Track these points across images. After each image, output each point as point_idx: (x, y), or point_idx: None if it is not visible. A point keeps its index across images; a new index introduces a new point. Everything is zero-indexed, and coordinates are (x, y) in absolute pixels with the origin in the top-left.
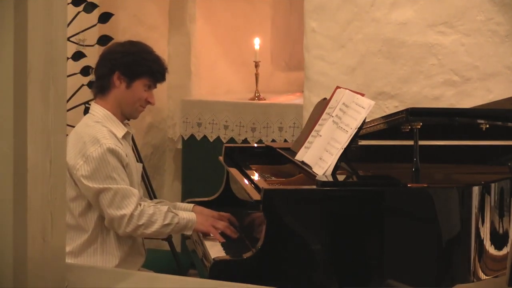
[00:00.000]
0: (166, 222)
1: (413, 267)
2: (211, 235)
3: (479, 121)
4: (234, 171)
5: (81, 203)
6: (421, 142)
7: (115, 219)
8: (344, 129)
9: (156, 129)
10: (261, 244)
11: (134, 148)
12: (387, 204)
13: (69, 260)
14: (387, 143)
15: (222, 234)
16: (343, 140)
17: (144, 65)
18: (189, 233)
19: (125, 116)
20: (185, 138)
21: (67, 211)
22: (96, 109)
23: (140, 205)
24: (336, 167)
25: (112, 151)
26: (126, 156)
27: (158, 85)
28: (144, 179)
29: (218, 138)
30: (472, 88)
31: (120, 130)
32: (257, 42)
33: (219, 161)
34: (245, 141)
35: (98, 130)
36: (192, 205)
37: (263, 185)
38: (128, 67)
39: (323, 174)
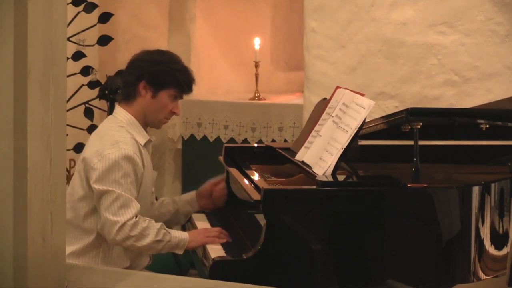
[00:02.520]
0: (158, 238)
1: (413, 267)
2: (209, 244)
3: (479, 121)
4: (234, 171)
5: (87, 205)
6: (421, 142)
7: (107, 223)
8: (344, 129)
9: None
10: (261, 244)
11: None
12: (387, 204)
13: (70, 261)
14: (387, 143)
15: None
16: (343, 140)
17: (171, 76)
18: (180, 252)
19: (148, 125)
20: (185, 138)
21: (73, 210)
22: (121, 113)
23: (136, 217)
24: (336, 167)
25: (129, 158)
26: (143, 166)
27: None
28: None
29: (218, 138)
30: (472, 88)
31: (142, 137)
32: (257, 42)
33: (219, 161)
34: (245, 141)
35: (121, 135)
36: (194, 192)
37: (263, 185)
38: (154, 77)
39: (323, 174)
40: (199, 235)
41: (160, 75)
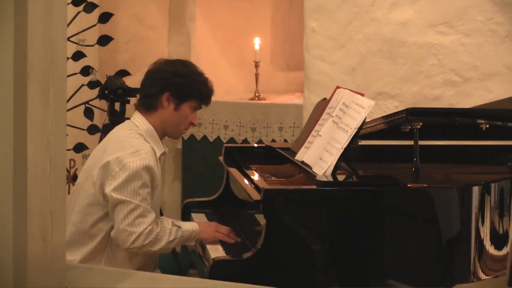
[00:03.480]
0: (171, 238)
1: (413, 267)
2: (209, 244)
3: (479, 121)
4: (234, 171)
5: (98, 211)
6: (421, 142)
7: (124, 233)
8: (344, 129)
9: None
10: (261, 244)
11: None
12: (387, 204)
13: None
14: (387, 143)
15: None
16: (343, 140)
17: (195, 88)
18: (191, 243)
19: (166, 135)
20: (185, 138)
21: (83, 215)
22: (141, 121)
23: (150, 224)
24: (336, 167)
25: (149, 169)
26: (159, 176)
27: None
28: None
29: (218, 138)
30: (472, 88)
31: (159, 149)
32: (257, 42)
33: (219, 161)
34: (245, 141)
35: (142, 143)
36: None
37: (263, 185)
38: (178, 89)
39: (323, 174)
40: (210, 227)
41: (184, 88)
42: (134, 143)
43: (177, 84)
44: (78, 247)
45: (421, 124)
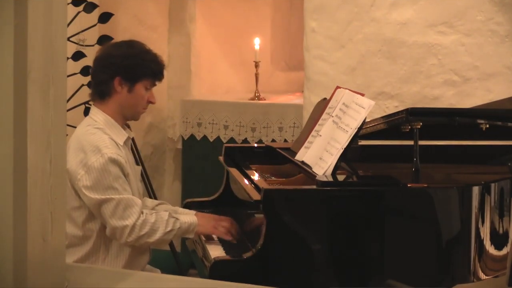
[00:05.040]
0: (168, 229)
1: (413, 267)
2: (215, 237)
3: (479, 121)
4: (234, 171)
5: (83, 212)
6: (421, 142)
7: (117, 229)
8: (344, 129)
9: (156, 129)
10: (261, 244)
11: (135, 149)
12: (387, 204)
13: None
14: (387, 143)
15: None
16: (343, 140)
17: (145, 67)
18: (191, 236)
19: (126, 119)
20: (185, 138)
21: (71, 221)
22: (97, 113)
23: (142, 213)
24: (336, 167)
25: (114, 161)
26: (126, 163)
27: (158, 85)
28: (144, 179)
29: (218, 138)
30: (472, 88)
31: (121, 136)
32: (257, 42)
33: (219, 161)
34: (245, 141)
35: (99, 138)
36: (194, 212)
37: (263, 185)
38: (129, 71)
39: (323, 174)
40: (209, 222)
41: (134, 69)
42: (92, 140)
43: (127, 67)
44: (74, 250)
45: (421, 124)
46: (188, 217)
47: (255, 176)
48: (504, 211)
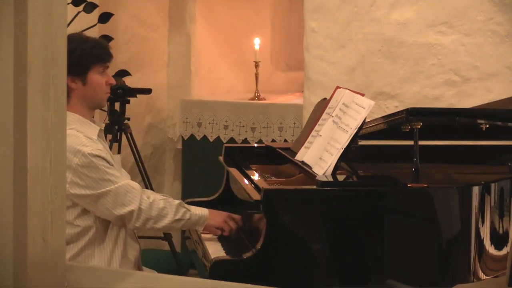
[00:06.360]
0: (177, 217)
1: (413, 267)
2: (217, 232)
3: (479, 121)
4: (234, 171)
5: (75, 210)
6: (421, 142)
7: (125, 216)
8: (344, 129)
9: (156, 129)
10: (261, 244)
11: (135, 149)
12: (387, 204)
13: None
14: (387, 143)
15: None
16: (343, 140)
17: (88, 56)
18: (200, 229)
19: (93, 109)
20: (185, 138)
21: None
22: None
23: (149, 197)
24: (336, 167)
25: (95, 155)
26: (107, 154)
27: (157, 84)
28: (144, 179)
29: (218, 138)
30: (472, 88)
31: (93, 130)
32: (257, 42)
33: (219, 161)
34: (245, 141)
35: (75, 139)
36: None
37: (263, 185)
38: (75, 67)
39: (323, 174)
40: (220, 216)
41: (79, 62)
42: (69, 142)
43: (72, 64)
44: (67, 248)
45: (421, 124)
46: (200, 209)
47: (255, 176)
48: (504, 211)
